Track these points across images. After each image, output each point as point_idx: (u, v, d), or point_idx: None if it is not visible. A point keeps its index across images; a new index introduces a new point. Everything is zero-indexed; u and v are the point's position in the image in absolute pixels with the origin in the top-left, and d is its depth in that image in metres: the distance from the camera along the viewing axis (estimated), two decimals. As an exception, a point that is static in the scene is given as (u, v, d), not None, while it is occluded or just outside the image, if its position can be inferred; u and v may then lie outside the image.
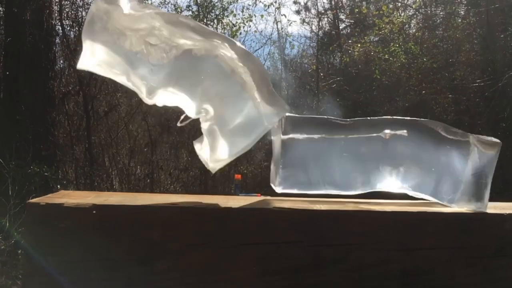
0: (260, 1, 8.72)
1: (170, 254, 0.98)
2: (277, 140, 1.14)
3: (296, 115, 1.14)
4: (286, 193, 1.14)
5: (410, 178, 1.16)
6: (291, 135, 1.13)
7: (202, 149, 1.12)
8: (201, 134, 1.10)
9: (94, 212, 0.93)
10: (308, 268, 1.03)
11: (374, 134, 1.15)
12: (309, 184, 1.14)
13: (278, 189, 1.13)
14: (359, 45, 9.05)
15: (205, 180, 7.30)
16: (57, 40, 7.12)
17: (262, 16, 8.97)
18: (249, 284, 1.02)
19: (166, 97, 1.05)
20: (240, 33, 8.74)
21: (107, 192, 1.29)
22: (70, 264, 0.94)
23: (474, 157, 1.14)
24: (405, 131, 1.14)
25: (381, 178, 1.16)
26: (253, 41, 18.89)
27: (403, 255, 1.07)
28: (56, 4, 6.94)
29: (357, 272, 1.05)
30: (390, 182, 1.16)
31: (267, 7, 9.13)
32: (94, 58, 0.99)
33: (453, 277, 1.08)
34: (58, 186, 5.43)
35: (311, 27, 10.54)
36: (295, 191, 1.13)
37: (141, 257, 0.97)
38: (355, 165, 1.15)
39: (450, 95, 8.11)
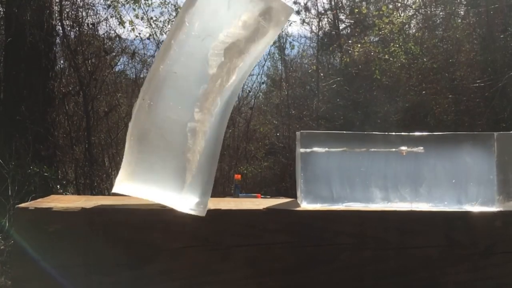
0: (261, 1, 8.69)
1: (161, 257, 0.98)
2: (297, 155, 1.14)
3: (314, 131, 1.14)
4: (311, 207, 1.13)
5: (431, 195, 1.15)
6: (310, 149, 1.13)
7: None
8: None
9: (83, 215, 0.93)
10: (299, 269, 1.04)
11: (393, 149, 1.15)
12: (332, 198, 1.14)
13: (303, 204, 1.13)
14: (359, 45, 9.04)
15: (205, 180, 7.29)
16: (58, 41, 7.13)
17: (262, 16, 8.95)
18: (240, 286, 1.02)
19: None
20: (240, 34, 8.73)
21: (98, 196, 1.29)
22: (60, 269, 0.94)
23: (500, 150, 1.12)
24: (421, 148, 1.14)
25: (401, 197, 1.15)
26: (254, 41, 18.82)
27: (393, 254, 1.07)
28: (57, 4, 6.96)
29: (348, 272, 1.06)
30: (410, 200, 1.15)
31: (267, 8, 9.10)
32: None
33: (444, 275, 1.08)
34: (58, 186, 5.44)
35: (311, 28, 10.54)
36: (318, 205, 1.13)
37: (132, 261, 0.97)
38: (375, 180, 1.15)
39: (450, 95, 8.09)
